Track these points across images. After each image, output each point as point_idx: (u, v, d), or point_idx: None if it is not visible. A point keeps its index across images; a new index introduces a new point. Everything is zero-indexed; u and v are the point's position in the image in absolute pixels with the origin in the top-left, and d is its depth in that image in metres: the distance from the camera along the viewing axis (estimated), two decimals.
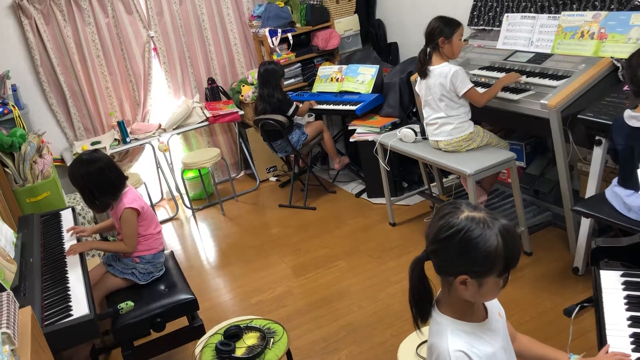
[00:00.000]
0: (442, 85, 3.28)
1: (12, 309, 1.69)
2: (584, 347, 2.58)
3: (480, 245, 1.33)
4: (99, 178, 2.75)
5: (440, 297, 1.50)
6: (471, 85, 3.24)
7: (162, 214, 5.14)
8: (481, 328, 1.46)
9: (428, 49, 3.31)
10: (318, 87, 5.02)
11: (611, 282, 1.85)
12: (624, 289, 1.80)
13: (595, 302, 1.80)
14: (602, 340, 1.64)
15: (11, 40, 4.53)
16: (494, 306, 1.55)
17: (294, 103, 4.52)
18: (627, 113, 2.47)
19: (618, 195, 2.58)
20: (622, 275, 1.86)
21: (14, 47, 4.55)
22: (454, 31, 3.25)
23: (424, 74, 3.35)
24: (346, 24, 5.28)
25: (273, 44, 5.02)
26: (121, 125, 4.66)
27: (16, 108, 4.02)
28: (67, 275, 2.51)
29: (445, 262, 1.40)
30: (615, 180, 2.65)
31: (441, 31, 3.24)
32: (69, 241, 2.87)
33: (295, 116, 4.58)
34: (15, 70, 4.51)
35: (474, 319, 1.47)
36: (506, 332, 1.55)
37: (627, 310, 1.72)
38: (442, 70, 3.26)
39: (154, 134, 4.82)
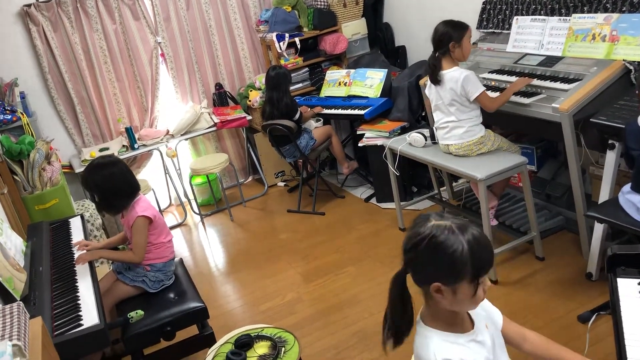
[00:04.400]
0: (452, 90, 3.24)
1: (23, 320, 1.68)
2: (601, 354, 2.54)
3: (446, 251, 1.36)
4: (118, 180, 2.77)
5: (424, 311, 1.54)
6: (483, 89, 3.20)
7: (170, 220, 5.14)
8: (467, 338, 1.48)
9: (437, 54, 3.28)
10: (326, 91, 5.00)
11: (628, 290, 1.81)
12: None
13: (612, 311, 1.76)
14: (621, 351, 1.61)
15: (19, 48, 4.54)
16: (481, 317, 1.57)
17: (299, 109, 4.50)
18: None
19: (632, 202, 2.53)
20: None
21: (22, 54, 4.56)
22: (463, 34, 3.21)
23: (436, 81, 3.31)
24: (354, 28, 5.27)
25: (280, 49, 5.00)
26: (129, 132, 4.66)
27: (24, 115, 4.02)
28: (76, 284, 2.50)
29: (418, 270, 1.46)
30: (627, 186, 2.60)
31: (451, 36, 3.20)
32: (78, 250, 2.86)
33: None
34: (24, 78, 4.52)
35: (459, 329, 1.50)
36: (496, 343, 1.55)
37: None
38: (452, 75, 3.23)
39: (161, 139, 4.82)
